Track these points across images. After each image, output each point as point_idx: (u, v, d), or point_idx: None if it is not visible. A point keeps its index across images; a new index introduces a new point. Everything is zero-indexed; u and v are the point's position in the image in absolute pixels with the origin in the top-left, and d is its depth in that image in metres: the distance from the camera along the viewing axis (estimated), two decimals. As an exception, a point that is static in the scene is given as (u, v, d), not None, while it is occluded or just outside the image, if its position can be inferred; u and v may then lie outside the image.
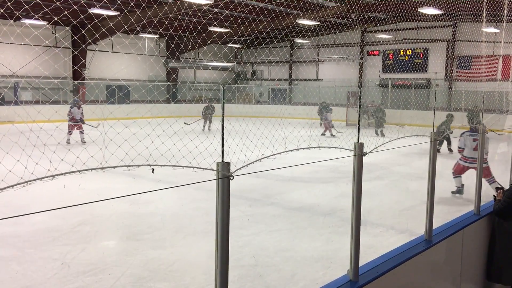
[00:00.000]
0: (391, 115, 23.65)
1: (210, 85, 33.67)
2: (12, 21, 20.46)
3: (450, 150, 14.88)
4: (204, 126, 21.48)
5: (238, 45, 36.56)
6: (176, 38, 30.59)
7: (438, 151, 13.51)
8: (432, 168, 4.05)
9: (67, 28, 26.55)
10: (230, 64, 36.71)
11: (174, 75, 32.95)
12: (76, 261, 5.45)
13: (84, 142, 15.18)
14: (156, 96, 29.58)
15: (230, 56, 38.26)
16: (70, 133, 15.59)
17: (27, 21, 19.01)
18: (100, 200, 4.30)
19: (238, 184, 2.19)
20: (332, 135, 20.06)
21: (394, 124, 22.08)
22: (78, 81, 26.58)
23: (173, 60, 32.08)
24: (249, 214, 7.51)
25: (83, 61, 27.41)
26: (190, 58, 33.85)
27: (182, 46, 31.40)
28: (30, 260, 5.50)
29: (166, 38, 32.15)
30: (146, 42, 31.48)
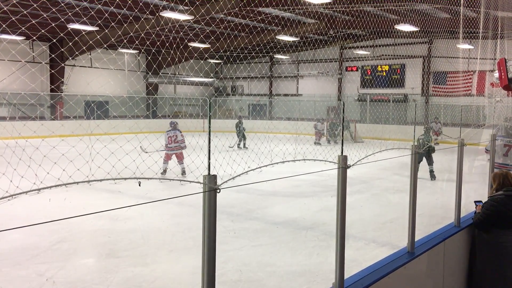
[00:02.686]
0: (371, 129, 24.01)
1: (190, 99, 33.65)
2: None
3: (432, 174, 12.80)
4: (239, 143, 20.05)
5: (219, 61, 36.70)
6: (155, 53, 30.54)
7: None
8: (413, 181, 4.10)
9: (44, 46, 26.23)
10: (211, 79, 36.76)
11: (151, 89, 32.74)
12: (54, 280, 5.30)
13: (184, 174, 12.01)
14: (136, 112, 29.40)
15: (210, 71, 38.34)
16: (166, 162, 11.99)
17: (4, 36, 18.74)
18: (77, 216, 4.23)
19: (220, 198, 2.17)
20: (318, 143, 20.45)
21: (371, 138, 22.42)
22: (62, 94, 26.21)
23: (152, 76, 31.97)
24: (231, 229, 7.46)
25: (62, 79, 27.06)
26: (170, 74, 33.79)
27: (161, 61, 31.35)
28: (7, 279, 5.33)
29: (145, 53, 32.09)
30: (125, 58, 31.34)
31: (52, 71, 26.24)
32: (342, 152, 3.07)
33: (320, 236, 7.33)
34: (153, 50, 29.51)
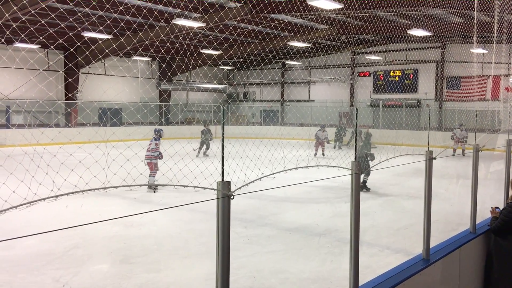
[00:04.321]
0: (383, 135, 23.87)
1: (204, 106, 33.81)
2: (4, 43, 20.50)
3: (364, 185, 11.77)
4: (199, 152, 19.14)
5: (230, 67, 36.86)
6: (168, 60, 30.78)
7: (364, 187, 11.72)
8: (428, 187, 4.06)
9: (60, 54, 26.63)
10: (222, 85, 36.92)
11: (165, 96, 32.97)
12: (69, 286, 5.34)
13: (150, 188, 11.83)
14: (150, 119, 29.68)
15: (223, 78, 38.50)
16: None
17: (20, 45, 19.05)
18: (92, 223, 4.26)
19: (232, 204, 2.17)
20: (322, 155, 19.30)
21: (384, 144, 22.28)
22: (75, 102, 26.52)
23: (165, 82, 32.21)
24: (244, 235, 7.45)
25: (77, 87, 27.39)
26: (182, 80, 34.02)
27: (174, 68, 31.60)
28: (22, 285, 5.39)
29: (159, 60, 32.35)
30: (138, 65, 31.64)
31: (70, 79, 26.59)
32: (355, 158, 3.06)
33: (333, 242, 7.29)
34: (167, 58, 29.76)
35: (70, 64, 25.29)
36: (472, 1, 14.76)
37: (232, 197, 2.12)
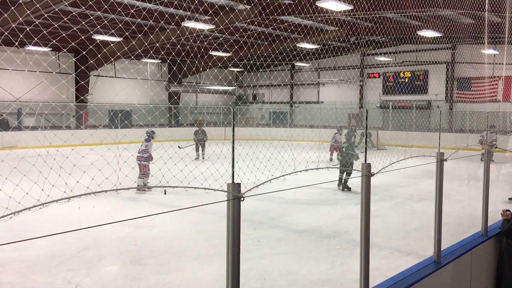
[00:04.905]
0: (393, 136, 23.76)
1: (214, 108, 33.90)
2: (17, 47, 20.73)
3: (345, 185, 11.85)
4: (197, 155, 18.45)
5: (239, 69, 36.91)
6: (178, 62, 30.91)
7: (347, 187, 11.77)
8: (439, 189, 4.04)
9: (71, 57, 26.87)
10: (231, 87, 36.98)
11: (176, 98, 33.12)
12: (80, 287, 5.38)
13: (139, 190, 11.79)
14: (160, 120, 29.85)
15: (229, 79, 38.59)
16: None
17: (31, 48, 19.26)
18: (101, 225, 4.28)
19: (241, 206, 2.18)
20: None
21: (394, 145, 22.16)
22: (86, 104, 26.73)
23: (175, 84, 32.34)
24: (253, 237, 7.45)
25: (88, 89, 27.63)
26: (191, 82, 34.14)
27: (184, 69, 31.73)
28: (34, 286, 5.44)
29: (169, 62, 32.50)
30: (148, 67, 31.82)
31: (83, 82, 26.81)
32: (365, 160, 3.05)
33: (343, 244, 7.26)
34: (178, 60, 29.89)
35: (83, 67, 25.50)
36: (483, 1, 14.65)
37: (242, 198, 2.12)
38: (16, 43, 19.17)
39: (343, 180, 11.84)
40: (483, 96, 27.15)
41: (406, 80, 30.53)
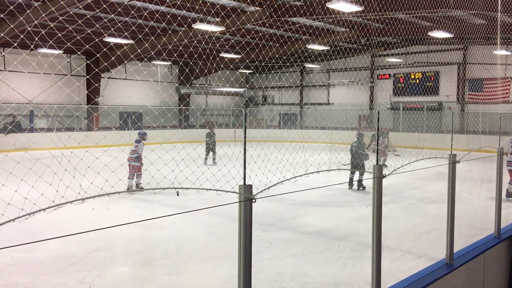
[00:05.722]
0: (404, 138, 23.59)
1: (225, 110, 33.97)
2: (32, 49, 20.97)
3: (360, 184, 12.10)
4: (206, 159, 17.81)
5: (249, 71, 36.96)
6: (188, 65, 31.04)
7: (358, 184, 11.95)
8: (451, 191, 4.00)
9: (83, 59, 27.11)
10: (242, 89, 37.04)
11: (187, 100, 33.26)
12: (93, 287, 5.42)
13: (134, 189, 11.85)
14: (173, 122, 30.03)
15: (241, 81, 38.66)
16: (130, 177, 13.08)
17: (45, 50, 19.47)
18: (111, 226, 4.32)
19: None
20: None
21: (405, 147, 22.01)
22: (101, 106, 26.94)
23: (187, 86, 32.43)
24: (263, 239, 7.45)
25: (99, 90, 27.85)
26: (202, 84, 34.25)
27: (193, 72, 31.85)
28: (47, 287, 5.49)
29: (180, 64, 32.65)
30: (159, 69, 31.98)
31: (96, 84, 27.04)
32: (377, 162, 3.03)
33: (354, 246, 7.23)
34: (190, 62, 30.04)
35: (97, 70, 25.70)
36: (495, 2, 14.51)
37: (254, 200, 2.13)
38: (32, 46, 19.43)
39: (353, 180, 12.04)
40: (495, 97, 26.89)
41: (417, 81, 30.34)
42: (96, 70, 24.23)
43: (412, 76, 30.62)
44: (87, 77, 26.35)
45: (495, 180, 5.25)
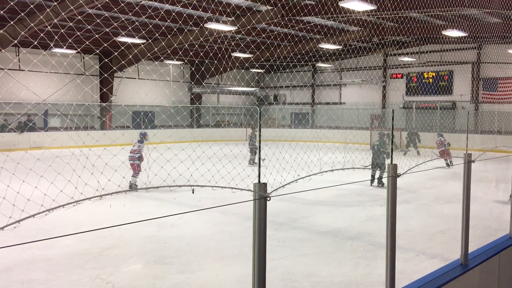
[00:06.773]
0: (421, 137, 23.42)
1: (235, 108, 34.05)
2: (50, 49, 21.20)
3: (380, 180, 12.42)
4: (253, 159, 17.70)
5: (261, 70, 36.95)
6: (202, 64, 31.13)
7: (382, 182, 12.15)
8: (466, 190, 3.97)
9: (96, 59, 27.36)
10: (253, 88, 37.04)
11: (197, 99, 33.40)
12: (105, 285, 5.47)
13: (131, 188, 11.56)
14: (188, 121, 30.22)
15: (255, 80, 38.67)
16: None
17: (57, 50, 19.69)
18: (125, 224, 4.35)
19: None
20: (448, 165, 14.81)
21: (421, 147, 21.83)
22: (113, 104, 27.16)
23: (201, 85, 32.52)
24: (275, 238, 7.45)
25: (112, 89, 28.09)
26: (213, 84, 34.34)
27: (205, 71, 31.94)
28: (61, 284, 5.55)
29: (189, 64, 32.78)
30: (171, 69, 32.12)
31: (112, 84, 27.30)
32: (392, 161, 3.02)
33: (365, 246, 7.20)
34: (203, 62, 30.13)
35: (114, 69, 25.92)
36: (510, 0, 14.32)
37: (268, 198, 2.13)
38: (51, 45, 19.67)
39: (375, 178, 12.50)
40: (510, 97, 26.55)
41: (430, 81, 30.07)
42: (114, 68, 24.40)
43: (426, 75, 30.35)
44: (106, 75, 26.54)
45: (510, 180, 5.18)
